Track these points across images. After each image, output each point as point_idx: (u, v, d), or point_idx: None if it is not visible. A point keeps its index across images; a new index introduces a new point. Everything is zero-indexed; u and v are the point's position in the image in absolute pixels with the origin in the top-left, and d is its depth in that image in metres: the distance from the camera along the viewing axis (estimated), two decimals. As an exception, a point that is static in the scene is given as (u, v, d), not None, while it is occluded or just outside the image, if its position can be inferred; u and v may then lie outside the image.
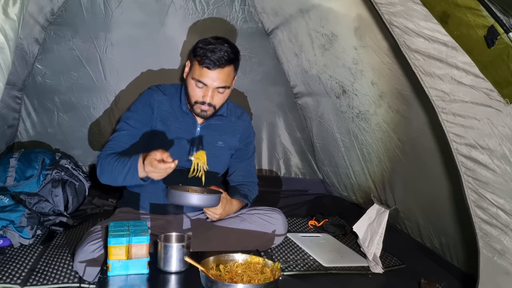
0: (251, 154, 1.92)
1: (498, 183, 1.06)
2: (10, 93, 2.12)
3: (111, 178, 1.55)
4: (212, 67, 1.57)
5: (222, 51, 1.57)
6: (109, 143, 1.64)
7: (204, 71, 1.57)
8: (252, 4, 2.29)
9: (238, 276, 1.27)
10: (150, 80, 2.16)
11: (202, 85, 1.60)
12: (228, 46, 1.60)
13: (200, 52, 1.58)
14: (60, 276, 1.53)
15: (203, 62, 1.57)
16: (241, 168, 1.88)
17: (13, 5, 1.11)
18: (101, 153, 1.61)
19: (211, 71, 1.57)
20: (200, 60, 1.57)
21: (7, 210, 1.83)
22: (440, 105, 1.13)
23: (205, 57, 1.56)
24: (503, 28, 0.92)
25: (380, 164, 1.94)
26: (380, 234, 1.67)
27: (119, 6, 2.20)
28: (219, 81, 1.60)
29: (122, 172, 1.48)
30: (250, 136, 1.88)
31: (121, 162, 1.50)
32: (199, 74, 1.59)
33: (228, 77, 1.62)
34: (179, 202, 1.47)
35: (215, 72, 1.58)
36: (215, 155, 1.77)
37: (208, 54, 1.56)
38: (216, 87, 1.60)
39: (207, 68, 1.57)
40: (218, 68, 1.57)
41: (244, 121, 1.85)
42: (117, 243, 1.26)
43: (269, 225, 1.76)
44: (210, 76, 1.58)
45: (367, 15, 1.58)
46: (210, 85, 1.59)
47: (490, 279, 1.15)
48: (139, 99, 1.74)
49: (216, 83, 1.59)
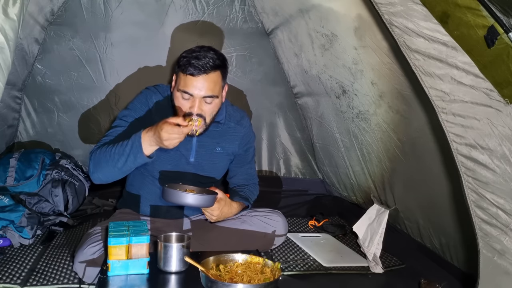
0: (251, 158, 1.88)
1: (498, 183, 1.06)
2: (10, 93, 2.12)
3: (108, 167, 1.49)
4: (197, 74, 1.48)
5: (207, 57, 1.50)
6: (103, 138, 1.61)
7: (189, 79, 1.49)
8: (252, 4, 2.29)
9: (238, 276, 1.27)
10: (149, 77, 2.16)
11: (188, 96, 1.51)
12: (213, 53, 1.53)
13: (183, 61, 1.51)
14: (60, 276, 1.53)
15: (186, 69, 1.49)
16: (242, 172, 1.86)
17: (13, 5, 1.11)
18: (93, 148, 1.57)
19: (196, 77, 1.49)
20: (184, 69, 1.50)
21: (7, 210, 1.83)
22: (440, 105, 1.13)
23: (188, 65, 1.49)
24: (503, 28, 0.92)
25: (380, 164, 1.94)
26: (380, 234, 1.67)
27: (119, 6, 2.20)
28: (205, 90, 1.51)
29: (123, 154, 1.44)
30: (250, 142, 1.83)
31: (120, 145, 1.46)
32: (184, 84, 1.50)
33: (215, 85, 1.53)
34: (173, 201, 1.46)
35: (201, 79, 1.49)
36: (212, 162, 1.73)
37: (192, 61, 1.49)
38: (202, 96, 1.51)
39: (191, 75, 1.49)
40: (203, 73, 1.49)
41: (244, 127, 1.78)
42: (117, 243, 1.26)
43: (269, 227, 1.75)
44: (195, 85, 1.49)
45: (367, 15, 1.58)
46: (197, 95, 1.51)
47: (490, 279, 1.15)
48: (136, 98, 1.70)
49: (202, 92, 1.51)
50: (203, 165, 1.72)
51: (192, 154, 1.69)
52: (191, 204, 1.50)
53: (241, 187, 1.84)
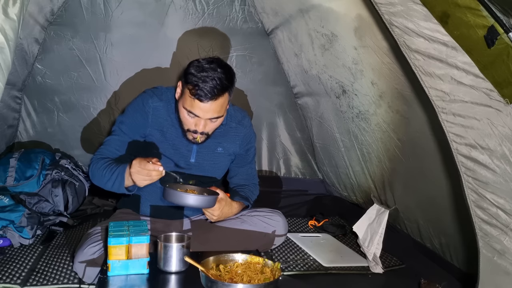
0: (252, 158, 1.88)
1: (498, 183, 1.06)
2: (10, 93, 2.12)
3: (101, 183, 1.56)
4: (205, 99, 1.46)
5: (214, 80, 1.46)
6: (101, 148, 1.64)
7: (196, 103, 1.47)
8: (252, 4, 2.29)
9: (238, 276, 1.27)
10: (150, 81, 2.16)
11: (193, 115, 1.51)
12: (222, 72, 1.48)
13: (191, 79, 1.47)
14: (60, 276, 1.53)
15: (194, 93, 1.46)
16: (242, 172, 1.86)
17: (13, 5, 1.11)
18: (93, 157, 1.61)
19: (203, 103, 1.47)
20: (192, 90, 1.47)
21: (7, 210, 1.83)
22: (440, 105, 1.13)
23: (197, 88, 1.45)
24: (503, 28, 0.92)
25: (380, 164, 1.94)
26: (380, 234, 1.67)
27: (119, 6, 2.20)
28: (212, 113, 1.51)
29: (111, 179, 1.50)
30: (251, 142, 1.83)
31: (110, 169, 1.51)
32: (190, 105, 1.49)
33: (221, 108, 1.52)
34: (174, 201, 1.46)
35: (207, 104, 1.48)
36: (214, 162, 1.74)
37: (200, 84, 1.45)
38: (209, 118, 1.52)
39: (199, 100, 1.47)
40: (210, 100, 1.47)
41: (245, 127, 1.78)
42: (117, 243, 1.26)
43: (269, 227, 1.75)
44: (202, 108, 1.49)
45: (367, 15, 1.57)
46: (203, 117, 1.51)
47: (490, 279, 1.15)
48: (133, 103, 1.68)
49: (208, 114, 1.51)
50: (204, 165, 1.72)
51: (193, 155, 1.69)
52: (192, 205, 1.49)
53: (241, 187, 1.84)
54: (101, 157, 1.58)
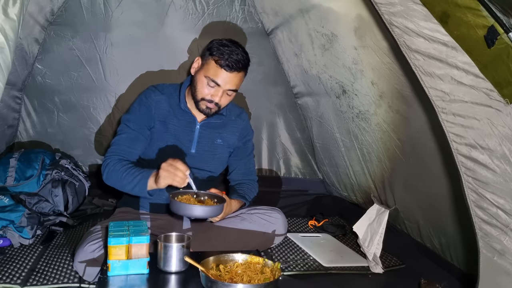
0: (250, 151, 1.92)
1: (498, 183, 1.06)
2: (10, 93, 2.12)
3: (117, 185, 1.61)
4: (230, 70, 1.58)
5: (239, 54, 1.59)
6: (111, 148, 1.67)
7: (221, 71, 1.58)
8: (252, 4, 2.29)
9: (238, 276, 1.27)
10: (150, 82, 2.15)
11: (214, 84, 1.60)
12: (243, 51, 1.62)
13: (218, 51, 1.59)
14: (60, 276, 1.53)
15: (221, 63, 1.58)
16: (241, 166, 1.89)
17: (13, 5, 1.11)
18: (106, 159, 1.64)
19: (228, 73, 1.58)
20: (218, 60, 1.58)
21: (7, 210, 1.83)
22: (440, 105, 1.13)
23: (224, 59, 1.57)
24: (503, 28, 0.92)
25: (380, 164, 1.94)
26: (380, 234, 1.67)
27: (119, 6, 2.19)
28: (231, 84, 1.61)
29: (132, 182, 1.54)
30: (248, 135, 1.89)
31: (131, 173, 1.55)
32: (214, 74, 1.59)
33: (239, 82, 1.65)
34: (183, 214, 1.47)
35: (231, 75, 1.59)
36: (213, 153, 1.79)
37: (226, 56, 1.57)
38: (228, 89, 1.62)
39: (225, 69, 1.58)
40: (235, 71, 1.59)
41: (243, 120, 1.87)
42: (117, 243, 1.26)
43: (269, 225, 1.76)
44: (225, 78, 1.59)
45: (367, 15, 1.57)
46: (223, 86, 1.61)
47: (490, 279, 1.15)
48: (137, 100, 1.76)
49: (228, 85, 1.61)
50: (204, 156, 1.76)
51: (193, 145, 1.74)
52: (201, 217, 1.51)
53: (239, 185, 1.87)
54: (119, 159, 1.62)
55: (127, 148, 1.66)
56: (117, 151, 1.65)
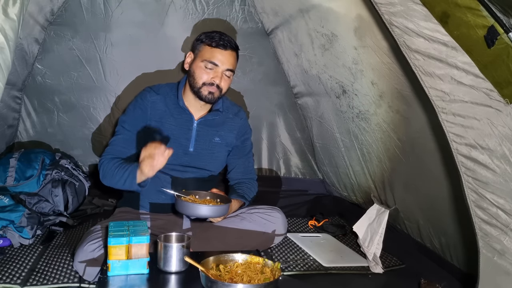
0: (249, 150, 1.93)
1: (498, 183, 1.06)
2: (10, 93, 2.12)
3: (112, 182, 1.63)
4: (224, 48, 1.67)
5: (228, 37, 1.71)
6: (107, 148, 1.72)
7: (217, 51, 1.67)
8: (252, 4, 2.29)
9: (238, 276, 1.27)
10: (150, 82, 2.16)
11: (212, 65, 1.67)
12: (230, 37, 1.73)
13: (208, 37, 1.69)
14: (60, 276, 1.53)
15: (216, 44, 1.67)
16: (240, 165, 1.90)
17: (13, 5, 1.11)
18: (101, 158, 1.68)
19: (224, 51, 1.67)
20: (212, 43, 1.67)
21: (7, 210, 1.83)
22: (440, 105, 1.13)
23: (216, 41, 1.67)
24: (503, 28, 0.92)
25: (380, 164, 1.94)
26: (380, 234, 1.67)
27: (119, 6, 2.19)
28: (228, 63, 1.68)
29: (123, 177, 1.56)
30: (247, 133, 1.90)
31: (122, 168, 1.58)
32: (210, 55, 1.67)
33: (234, 61, 1.72)
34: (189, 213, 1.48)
35: (227, 54, 1.68)
36: (211, 151, 1.79)
37: (217, 38, 1.68)
38: (226, 69, 1.68)
39: (220, 48, 1.66)
40: (229, 49, 1.68)
41: (241, 118, 1.88)
42: (117, 243, 1.26)
43: (269, 224, 1.76)
44: (221, 58, 1.67)
45: (367, 15, 1.57)
46: (221, 66, 1.67)
47: (490, 279, 1.15)
48: (132, 102, 1.79)
49: (226, 64, 1.68)
50: (202, 154, 1.77)
51: (191, 144, 1.75)
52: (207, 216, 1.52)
53: (239, 185, 1.87)
54: (111, 158, 1.66)
55: (121, 149, 1.70)
56: (111, 151, 1.69)
